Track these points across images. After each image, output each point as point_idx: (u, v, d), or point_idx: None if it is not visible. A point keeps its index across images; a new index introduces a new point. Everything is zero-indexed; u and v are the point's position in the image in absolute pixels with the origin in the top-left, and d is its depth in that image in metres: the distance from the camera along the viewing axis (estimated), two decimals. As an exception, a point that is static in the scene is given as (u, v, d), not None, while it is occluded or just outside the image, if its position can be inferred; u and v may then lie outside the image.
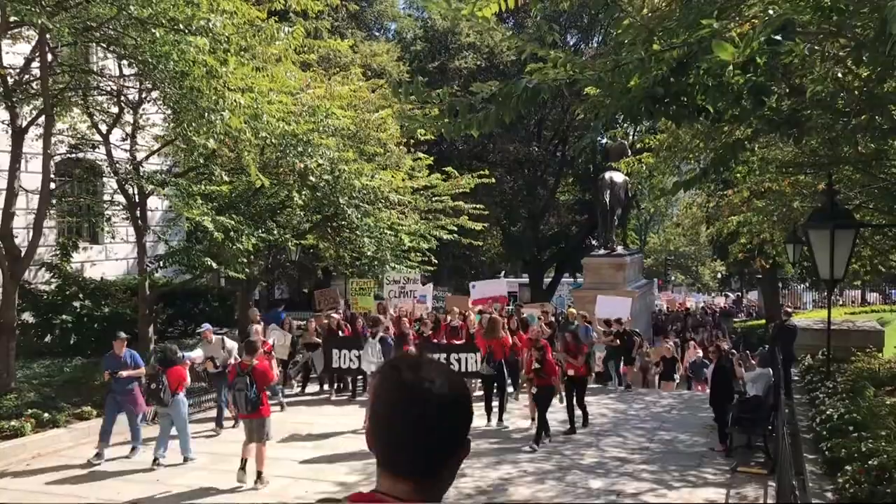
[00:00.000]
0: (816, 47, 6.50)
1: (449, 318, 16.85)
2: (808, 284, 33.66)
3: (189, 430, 11.26)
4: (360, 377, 15.91)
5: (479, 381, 14.93)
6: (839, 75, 7.13)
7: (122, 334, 11.59)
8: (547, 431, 12.23)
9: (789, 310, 22.34)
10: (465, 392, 1.76)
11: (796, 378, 13.96)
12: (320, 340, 16.23)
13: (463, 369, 14.87)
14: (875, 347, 13.48)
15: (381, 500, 1.68)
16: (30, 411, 12.03)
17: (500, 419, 13.58)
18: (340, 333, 16.17)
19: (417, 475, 1.69)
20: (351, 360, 15.56)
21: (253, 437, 9.89)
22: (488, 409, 13.53)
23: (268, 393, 10.34)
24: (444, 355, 14.76)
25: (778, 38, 4.47)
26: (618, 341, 17.46)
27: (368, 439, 1.75)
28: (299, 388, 16.66)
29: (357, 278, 19.70)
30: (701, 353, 19.26)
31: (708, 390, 14.00)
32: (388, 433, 1.69)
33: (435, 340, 15.78)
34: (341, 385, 16.40)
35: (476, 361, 14.68)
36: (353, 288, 19.11)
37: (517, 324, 15.50)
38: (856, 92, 7.66)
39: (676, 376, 18.75)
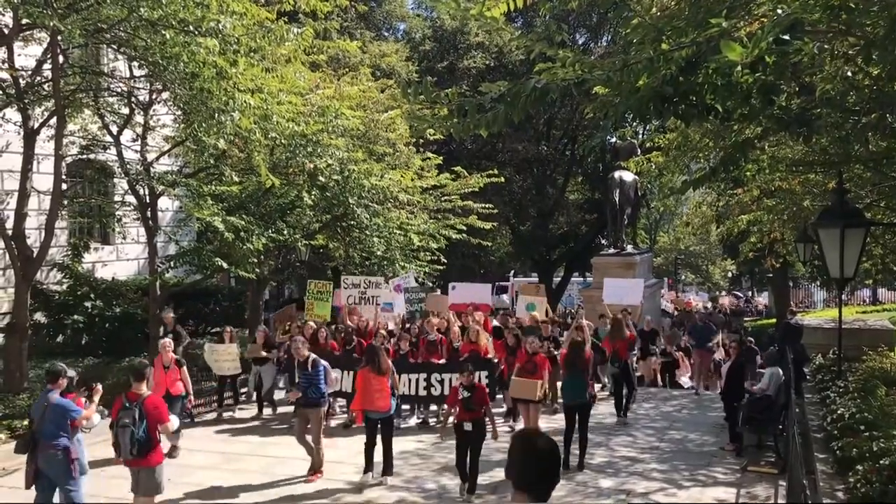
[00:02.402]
0: (826, 46, 6.48)
1: (426, 327, 14.41)
2: (819, 283, 33.50)
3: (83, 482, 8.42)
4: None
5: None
6: (849, 74, 7.11)
7: (68, 370, 8.68)
8: (473, 481, 9.53)
9: (794, 309, 22.29)
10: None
11: (808, 377, 13.92)
12: (266, 354, 14.32)
13: (446, 392, 12.53)
14: (886, 346, 13.41)
15: None
16: (42, 411, 12.10)
17: (625, 414, 13.83)
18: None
19: (538, 495, 2.93)
20: None
21: (139, 490, 7.99)
22: (618, 406, 13.86)
23: (162, 434, 8.08)
24: (423, 375, 13.20)
25: (787, 37, 4.47)
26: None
27: (509, 472, 3.04)
28: (255, 411, 14.33)
29: (315, 280, 16.95)
30: (689, 374, 18.06)
31: (719, 388, 13.97)
32: (525, 472, 2.95)
33: (412, 360, 13.64)
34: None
35: None
36: (310, 291, 16.34)
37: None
38: (865, 90, 7.64)
39: (654, 348, 17.63)
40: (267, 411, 14.38)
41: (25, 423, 11.05)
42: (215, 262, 15.02)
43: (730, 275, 57.84)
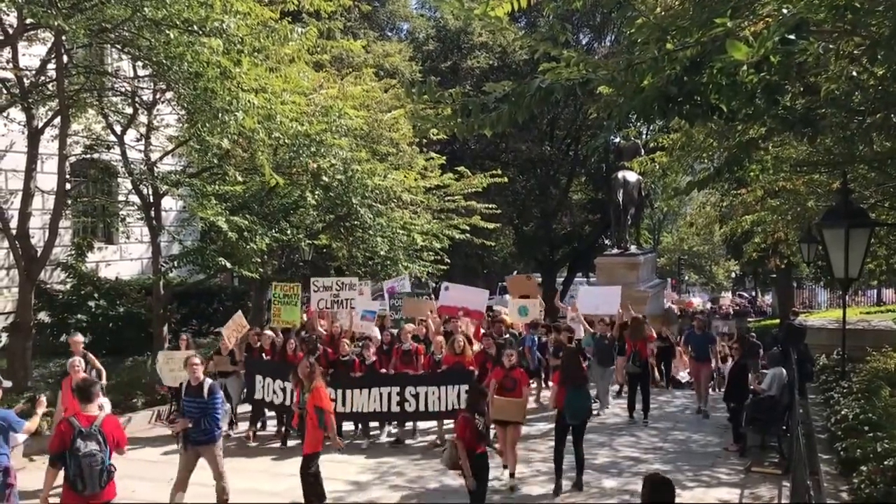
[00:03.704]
0: (831, 46, 6.46)
1: (401, 335, 13.13)
2: (822, 284, 33.47)
3: None
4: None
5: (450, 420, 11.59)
6: (854, 74, 7.08)
7: (3, 381, 8.39)
8: None
9: (797, 309, 22.22)
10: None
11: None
12: (234, 367, 13.00)
13: (421, 408, 11.81)
14: (890, 347, 13.39)
15: None
16: (46, 410, 12.10)
17: (646, 415, 13.65)
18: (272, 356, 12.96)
19: None
20: (275, 392, 12.31)
21: None
22: (631, 406, 13.77)
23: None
24: (396, 389, 11.87)
25: (792, 37, 4.46)
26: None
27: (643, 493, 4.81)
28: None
29: (280, 283, 15.32)
30: (687, 369, 17.06)
31: (723, 388, 13.93)
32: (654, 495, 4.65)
33: (383, 370, 12.54)
34: (261, 424, 12.94)
35: (438, 398, 11.67)
36: (275, 295, 14.77)
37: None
38: (870, 90, 7.62)
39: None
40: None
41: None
42: (219, 261, 15.03)
43: (733, 275, 57.77)
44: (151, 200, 15.64)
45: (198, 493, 9.74)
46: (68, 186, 14.60)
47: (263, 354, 12.96)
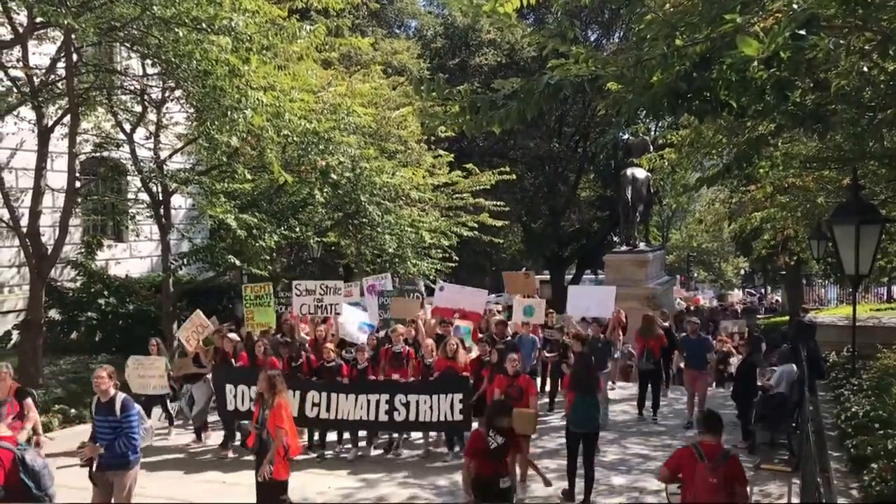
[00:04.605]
0: (841, 41, 6.43)
1: (391, 336, 12.04)
2: (832, 280, 33.37)
3: None
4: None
5: (443, 432, 11.38)
6: (864, 69, 7.05)
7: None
8: None
9: (806, 306, 22.16)
10: None
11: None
12: (198, 370, 12.16)
13: (412, 417, 10.89)
14: (901, 344, 13.31)
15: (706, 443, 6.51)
16: (57, 407, 12.22)
17: (655, 414, 13.61)
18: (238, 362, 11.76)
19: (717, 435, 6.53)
20: (251, 399, 10.76)
21: None
22: (641, 404, 13.73)
23: None
24: (385, 396, 10.91)
25: (802, 32, 4.44)
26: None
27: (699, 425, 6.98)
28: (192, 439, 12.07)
29: (251, 284, 14.36)
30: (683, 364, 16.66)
31: (731, 386, 13.86)
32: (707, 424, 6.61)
33: (373, 376, 11.50)
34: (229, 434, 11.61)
35: (430, 408, 10.79)
36: (246, 298, 13.88)
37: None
38: (881, 86, 7.58)
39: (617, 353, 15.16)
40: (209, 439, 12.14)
41: (41, 419, 9.89)
42: (228, 259, 15.09)
43: (742, 272, 57.62)
44: (161, 198, 15.69)
45: (203, 490, 9.80)
46: (78, 184, 14.66)
47: (234, 360, 11.74)
